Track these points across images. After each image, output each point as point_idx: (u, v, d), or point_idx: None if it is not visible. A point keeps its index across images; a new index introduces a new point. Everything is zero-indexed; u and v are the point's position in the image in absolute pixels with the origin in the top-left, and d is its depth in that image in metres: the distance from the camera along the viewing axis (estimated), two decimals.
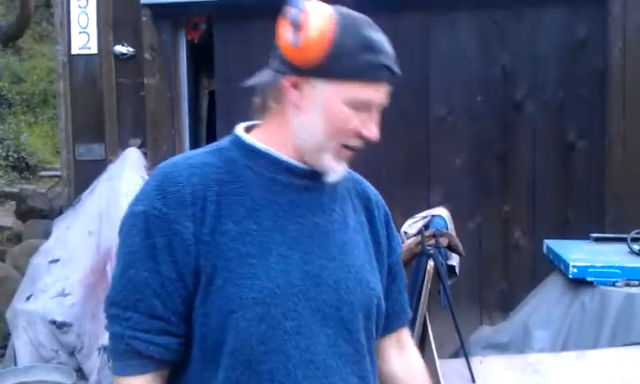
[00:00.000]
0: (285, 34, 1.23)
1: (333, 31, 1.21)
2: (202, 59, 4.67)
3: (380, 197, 1.47)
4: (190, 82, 4.34)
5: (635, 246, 2.83)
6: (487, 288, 3.99)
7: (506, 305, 3.76)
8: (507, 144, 3.98)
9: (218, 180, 1.25)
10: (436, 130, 4.02)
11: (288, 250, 1.24)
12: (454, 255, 2.97)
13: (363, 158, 1.44)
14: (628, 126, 3.79)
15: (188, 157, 1.31)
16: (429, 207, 3.22)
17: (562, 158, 3.93)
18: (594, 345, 2.53)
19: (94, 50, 4.20)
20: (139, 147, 4.12)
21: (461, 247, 2.71)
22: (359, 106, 1.24)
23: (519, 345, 2.73)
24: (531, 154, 3.96)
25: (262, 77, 1.31)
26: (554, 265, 2.98)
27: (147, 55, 4.10)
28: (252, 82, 1.32)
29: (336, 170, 1.29)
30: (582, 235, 3.34)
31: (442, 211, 3.01)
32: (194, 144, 4.37)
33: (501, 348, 2.78)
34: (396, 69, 1.26)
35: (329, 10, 1.24)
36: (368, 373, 1.33)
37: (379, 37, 1.25)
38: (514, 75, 3.98)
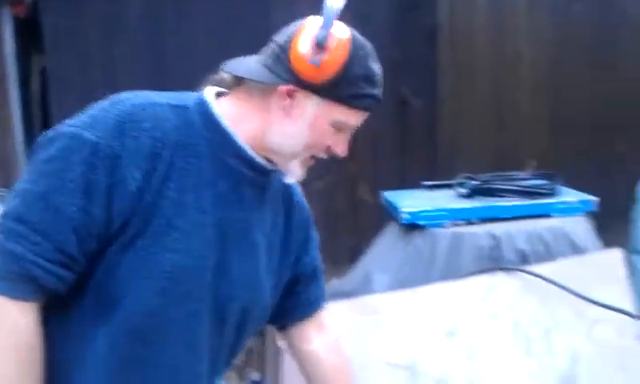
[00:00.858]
0: (304, 47, 1.24)
1: (346, 58, 1.25)
2: (30, 35, 4.44)
3: (303, 201, 1.52)
4: (19, 61, 4.13)
5: (461, 190, 3.03)
6: (336, 244, 4.13)
7: (355, 259, 3.91)
8: None
9: (175, 142, 1.23)
10: None
11: (213, 236, 1.26)
12: None
13: None
14: (457, 82, 4.04)
15: (155, 104, 1.26)
16: None
17: (398, 115, 4.12)
18: (427, 283, 2.69)
19: None
20: None
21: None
22: (341, 127, 1.30)
23: (362, 291, 2.86)
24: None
25: (252, 70, 1.30)
26: (391, 214, 3.13)
27: None
28: (237, 69, 1.31)
29: (297, 173, 1.35)
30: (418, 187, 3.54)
31: None
32: (27, 128, 4.17)
33: (345, 296, 2.89)
34: (380, 95, 1.34)
35: (348, 34, 1.27)
36: (222, 363, 1.40)
37: (378, 70, 1.32)
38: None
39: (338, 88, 1.26)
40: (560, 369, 2.41)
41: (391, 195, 3.24)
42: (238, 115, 1.30)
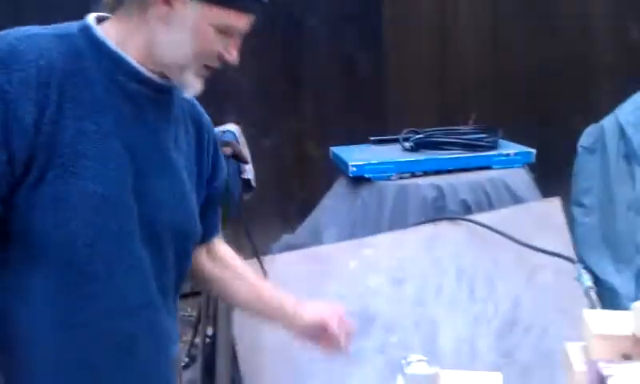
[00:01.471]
0: None
1: None
2: None
3: (210, 122, 1.51)
4: None
5: (406, 144, 3.10)
6: (287, 201, 4.19)
7: (306, 214, 3.97)
8: (292, 60, 4.13)
9: (62, 69, 1.21)
10: None
11: (124, 159, 1.25)
12: (247, 168, 3.08)
13: None
14: (401, 38, 4.09)
15: (37, 35, 1.23)
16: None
17: (344, 71, 4.16)
18: (375, 233, 2.77)
19: None
20: None
21: (246, 155, 2.82)
22: (225, 31, 1.28)
23: (312, 243, 2.92)
24: (315, 68, 4.13)
25: None
26: (339, 169, 3.19)
27: None
28: None
29: (195, 86, 1.32)
30: (367, 141, 3.60)
31: (231, 126, 3.09)
32: None
33: (295, 249, 2.95)
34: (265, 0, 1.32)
35: None
36: (170, 288, 1.39)
37: None
38: None
39: None
40: (503, 313, 2.54)
41: (339, 150, 3.29)
42: (122, 36, 1.29)
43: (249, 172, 3.10)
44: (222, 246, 1.64)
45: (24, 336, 1.24)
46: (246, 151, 2.89)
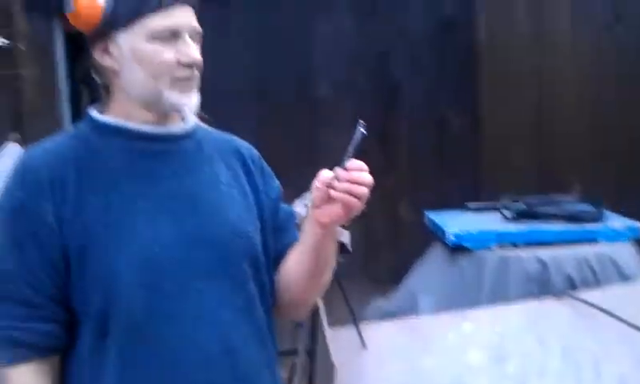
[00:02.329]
0: (65, 11, 1.26)
1: None
2: (79, 47, 4.54)
3: (252, 148, 1.47)
4: (69, 72, 4.21)
5: (506, 213, 3.04)
6: (378, 263, 4.15)
7: (397, 278, 3.92)
8: (386, 122, 4.14)
9: (75, 159, 1.26)
10: (320, 111, 4.12)
11: (155, 214, 1.26)
12: (344, 232, 3.08)
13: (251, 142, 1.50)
14: (497, 102, 4.04)
15: (43, 144, 1.31)
16: None
17: (439, 134, 4.13)
18: (474, 306, 2.71)
19: None
20: (18, 141, 3.97)
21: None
22: (164, 38, 1.26)
23: (407, 311, 2.89)
24: (409, 131, 4.13)
25: (83, 66, 1.33)
26: (435, 235, 3.15)
27: (22, 46, 3.95)
28: (78, 73, 1.37)
29: (184, 101, 1.29)
30: (461, 206, 3.55)
31: None
32: None
33: (390, 316, 2.92)
34: None
35: None
36: (262, 321, 1.35)
37: None
38: (390, 55, 4.13)
39: (120, 10, 1.24)
40: None
41: (435, 215, 3.26)
42: (113, 109, 1.31)
43: (345, 235, 3.10)
44: None
45: None
46: None
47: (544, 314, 2.51)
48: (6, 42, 3.96)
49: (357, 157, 1.24)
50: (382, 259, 4.17)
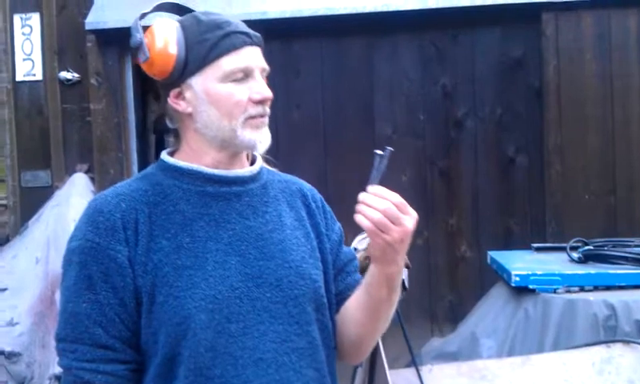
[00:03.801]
0: (140, 60, 1.33)
1: (174, 33, 1.31)
2: (149, 83, 4.67)
3: (315, 189, 1.51)
4: (138, 107, 4.34)
5: (574, 254, 2.95)
6: (436, 301, 4.09)
7: (455, 316, 3.86)
8: (450, 161, 4.11)
9: (146, 202, 1.30)
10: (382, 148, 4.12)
11: (224, 256, 1.29)
12: (404, 270, 3.04)
13: (313, 181, 1.52)
14: (564, 139, 3.95)
15: (115, 187, 1.37)
16: None
17: (503, 173, 4.07)
18: (539, 350, 2.62)
19: (38, 76, 4.18)
20: (86, 173, 4.09)
21: (407, 259, 2.78)
22: (237, 78, 1.31)
23: (467, 353, 2.81)
24: (473, 170, 4.08)
25: (158, 112, 1.41)
26: (498, 275, 3.08)
27: (93, 81, 4.09)
28: (153, 122, 1.44)
29: (258, 139, 1.34)
30: (524, 246, 3.48)
31: None
32: (143, 168, 4.36)
33: (450, 357, 2.85)
34: (247, 30, 1.34)
35: (168, 21, 1.34)
36: (323, 364, 1.35)
37: (216, 16, 1.34)
38: (454, 94, 4.11)
39: (193, 56, 1.29)
40: None
41: (498, 255, 3.19)
42: (186, 153, 1.35)
43: (403, 273, 3.06)
44: None
45: None
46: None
47: (612, 360, 2.41)
48: (77, 76, 4.12)
49: (381, 181, 1.28)
50: (441, 299, 4.10)
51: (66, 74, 4.14)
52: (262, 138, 1.34)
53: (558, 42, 3.98)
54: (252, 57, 1.33)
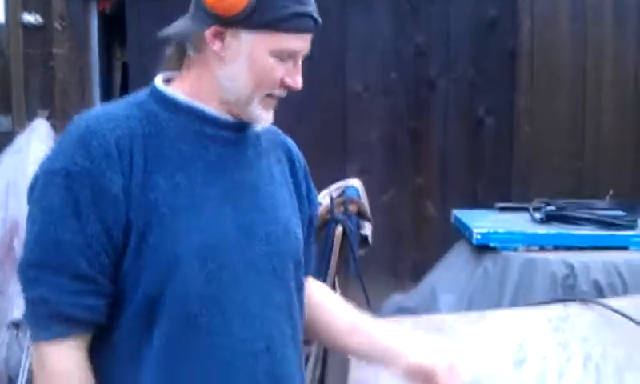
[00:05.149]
0: None
1: None
2: (114, 30, 4.57)
3: (298, 149, 1.48)
4: (102, 53, 4.24)
5: (537, 215, 2.95)
6: (400, 259, 4.08)
7: (419, 275, 3.84)
8: (420, 120, 4.07)
9: (142, 134, 1.22)
10: (352, 106, 4.08)
11: (220, 204, 1.24)
12: (367, 225, 3.03)
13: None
14: (534, 101, 3.93)
15: (105, 108, 1.27)
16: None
17: (472, 134, 4.05)
18: (497, 307, 2.63)
19: (1, 19, 4.04)
20: (47, 119, 4.00)
21: (369, 213, 2.77)
22: (284, 56, 1.25)
23: (426, 308, 2.81)
24: (442, 129, 4.06)
25: (181, 27, 1.29)
26: (461, 233, 3.07)
27: (57, 25, 3.98)
28: (169, 32, 1.30)
29: (264, 118, 1.30)
30: (491, 207, 3.46)
31: (354, 182, 3.06)
32: None
33: (409, 312, 2.85)
34: (317, 16, 1.29)
35: None
36: (298, 323, 1.36)
37: None
38: (427, 53, 4.06)
39: (262, 14, 1.21)
40: None
41: (462, 214, 3.18)
42: (190, 86, 1.28)
43: (367, 228, 3.05)
44: (317, 288, 1.56)
45: None
46: (366, 207, 2.84)
47: (567, 318, 2.42)
48: (40, 20, 4.00)
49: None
50: (405, 257, 4.09)
51: (29, 17, 4.01)
52: (267, 119, 1.31)
53: (532, 4, 3.93)
54: (305, 43, 1.29)
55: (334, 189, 3.03)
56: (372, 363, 1.52)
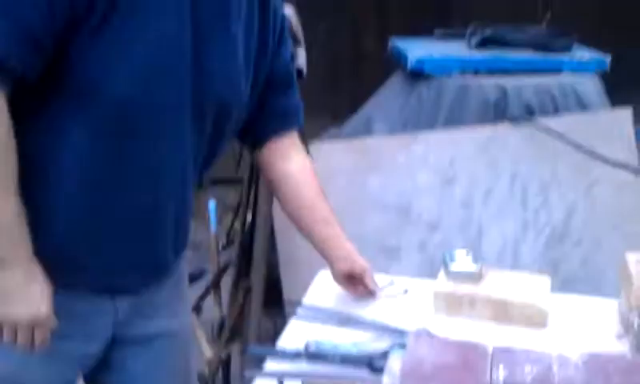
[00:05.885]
0: None
1: None
2: None
3: None
4: None
5: (472, 40, 2.90)
6: (338, 92, 4.04)
7: (357, 109, 3.84)
8: None
9: None
10: None
11: (186, 22, 1.16)
12: (300, 54, 2.94)
13: None
14: None
15: None
16: None
17: None
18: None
19: None
20: None
21: (300, 39, 2.67)
22: None
23: (360, 135, 2.81)
24: None
25: None
26: (398, 62, 3.03)
27: None
28: None
29: None
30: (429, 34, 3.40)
31: (286, 7, 2.95)
32: None
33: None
34: None
35: None
36: (199, 164, 1.32)
37: None
38: None
39: None
40: (554, 223, 2.40)
41: (400, 42, 3.12)
42: None
43: (301, 58, 2.96)
44: (296, 152, 1.51)
45: (49, 181, 1.17)
46: (300, 34, 2.74)
47: (497, 139, 2.46)
48: None
49: None
50: (343, 90, 4.06)
51: None
52: None
53: None
54: None
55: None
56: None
